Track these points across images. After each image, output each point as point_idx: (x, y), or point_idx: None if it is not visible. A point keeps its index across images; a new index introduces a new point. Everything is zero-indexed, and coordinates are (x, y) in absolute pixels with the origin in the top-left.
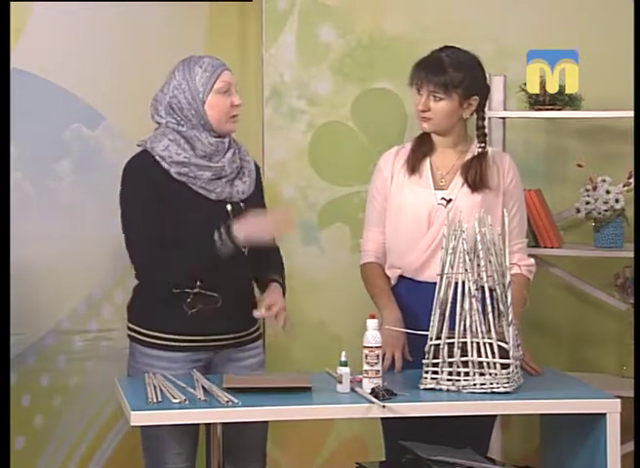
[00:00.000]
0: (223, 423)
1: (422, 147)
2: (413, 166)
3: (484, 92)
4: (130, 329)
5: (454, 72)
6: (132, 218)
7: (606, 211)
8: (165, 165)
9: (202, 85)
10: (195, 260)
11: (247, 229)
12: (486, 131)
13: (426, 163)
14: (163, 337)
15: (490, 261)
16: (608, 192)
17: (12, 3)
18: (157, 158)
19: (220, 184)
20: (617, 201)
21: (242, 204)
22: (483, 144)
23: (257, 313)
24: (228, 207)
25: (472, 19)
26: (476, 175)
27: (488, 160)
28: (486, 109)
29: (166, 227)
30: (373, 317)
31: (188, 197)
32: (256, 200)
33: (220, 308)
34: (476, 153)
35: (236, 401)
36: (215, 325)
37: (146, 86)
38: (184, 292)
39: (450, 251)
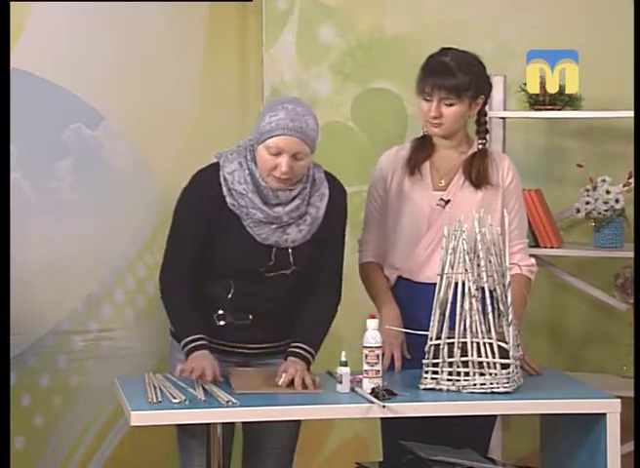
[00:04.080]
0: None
1: (424, 149)
2: (413, 167)
3: (488, 90)
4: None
5: (462, 76)
6: (174, 241)
7: (606, 211)
8: (224, 189)
9: (260, 133)
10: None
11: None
12: (488, 127)
13: (426, 164)
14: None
15: (490, 261)
16: (608, 192)
17: (12, 3)
18: (221, 179)
19: (269, 230)
20: (617, 201)
21: (290, 250)
22: (484, 141)
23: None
24: (273, 251)
25: (472, 18)
26: (479, 172)
27: (489, 156)
28: (486, 106)
29: (210, 252)
30: (373, 317)
31: (237, 230)
32: (305, 250)
33: (251, 323)
34: (477, 149)
35: (235, 401)
36: (245, 336)
37: (146, 86)
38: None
39: (450, 251)
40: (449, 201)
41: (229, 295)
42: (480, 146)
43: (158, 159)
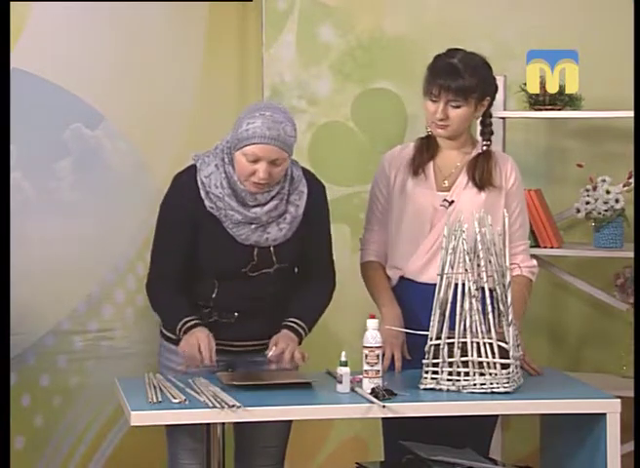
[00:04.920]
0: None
1: (428, 149)
2: (417, 167)
3: (494, 91)
4: (160, 324)
5: (470, 78)
6: (159, 245)
7: (606, 211)
8: (202, 192)
9: (237, 139)
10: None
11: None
12: (492, 128)
13: (430, 164)
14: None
15: (490, 261)
16: (608, 192)
17: (12, 3)
18: (199, 183)
19: (248, 230)
20: (617, 201)
21: (272, 249)
22: (489, 142)
23: (268, 353)
24: (255, 251)
25: (472, 19)
26: (483, 173)
27: (493, 157)
28: (491, 108)
29: (194, 253)
30: (373, 317)
31: (218, 231)
32: (287, 247)
33: (236, 321)
34: (481, 151)
35: (239, 404)
36: (232, 333)
37: (146, 86)
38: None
39: (450, 251)
40: (452, 202)
41: (214, 295)
42: (484, 148)
43: (158, 159)
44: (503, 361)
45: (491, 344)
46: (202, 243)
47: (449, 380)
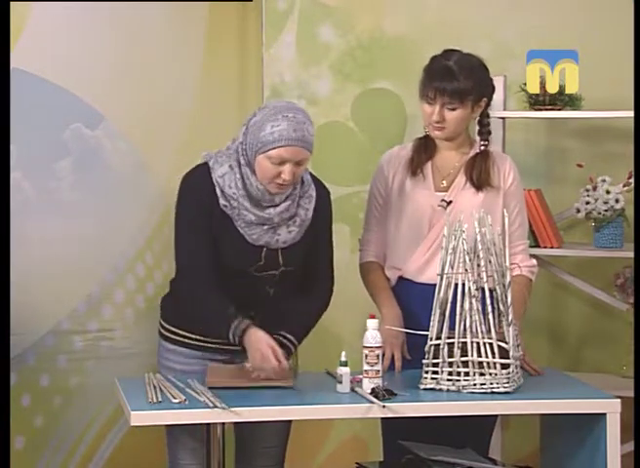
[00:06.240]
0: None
1: (426, 149)
2: (415, 167)
3: (491, 92)
4: (159, 323)
5: (466, 80)
6: (184, 244)
7: (606, 211)
8: (217, 190)
9: (261, 143)
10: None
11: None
12: (490, 128)
13: (428, 164)
14: (178, 333)
15: (490, 261)
16: (608, 192)
17: (12, 3)
18: (214, 180)
19: (260, 231)
20: (617, 201)
21: (280, 251)
22: (486, 142)
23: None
24: (263, 252)
25: (472, 19)
26: (481, 173)
27: (491, 157)
28: (489, 108)
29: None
30: (373, 317)
31: (229, 230)
32: (294, 251)
33: None
34: (479, 151)
35: (225, 406)
36: None
37: (146, 86)
38: None
39: (450, 251)
40: (451, 202)
41: None
42: (482, 148)
43: (158, 159)
44: (503, 361)
45: (491, 344)
46: (219, 243)
47: (449, 380)
